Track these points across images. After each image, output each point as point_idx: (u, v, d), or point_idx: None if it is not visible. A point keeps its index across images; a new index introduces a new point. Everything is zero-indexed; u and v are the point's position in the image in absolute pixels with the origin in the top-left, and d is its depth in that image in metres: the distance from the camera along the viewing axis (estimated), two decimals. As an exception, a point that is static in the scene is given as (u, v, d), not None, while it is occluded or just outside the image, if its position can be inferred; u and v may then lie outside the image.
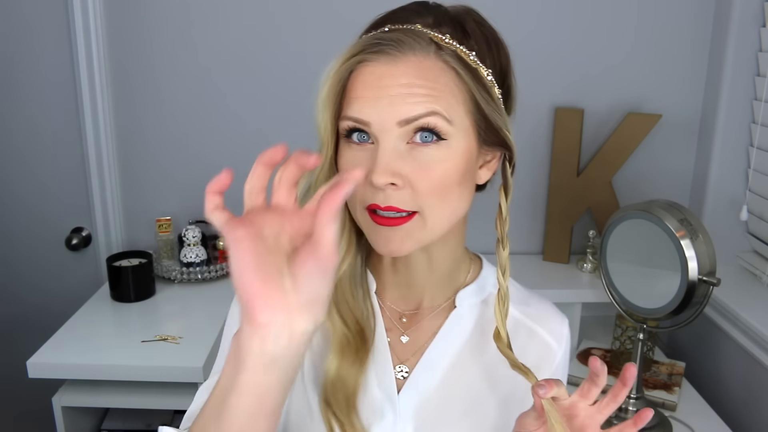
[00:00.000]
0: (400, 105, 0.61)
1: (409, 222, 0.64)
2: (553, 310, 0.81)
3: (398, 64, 0.62)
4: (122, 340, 1.44)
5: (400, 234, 0.64)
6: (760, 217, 1.56)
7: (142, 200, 1.79)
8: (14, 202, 1.80)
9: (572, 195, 1.70)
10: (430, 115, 0.61)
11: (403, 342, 0.76)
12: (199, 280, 1.68)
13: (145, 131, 1.74)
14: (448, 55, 0.63)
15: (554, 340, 0.79)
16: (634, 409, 1.30)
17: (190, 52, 1.68)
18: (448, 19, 0.66)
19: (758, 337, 1.37)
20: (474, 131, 0.65)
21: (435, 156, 0.63)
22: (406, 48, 0.62)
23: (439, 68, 0.62)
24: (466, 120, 0.64)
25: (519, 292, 0.81)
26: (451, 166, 0.64)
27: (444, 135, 0.63)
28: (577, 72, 1.69)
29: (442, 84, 0.62)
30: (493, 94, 0.66)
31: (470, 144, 0.65)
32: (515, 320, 0.78)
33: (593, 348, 1.59)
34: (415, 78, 0.61)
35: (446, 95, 0.62)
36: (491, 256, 0.82)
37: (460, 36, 0.64)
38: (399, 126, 0.62)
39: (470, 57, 0.64)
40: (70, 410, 1.41)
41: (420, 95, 0.61)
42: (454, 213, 0.67)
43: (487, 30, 0.68)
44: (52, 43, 1.69)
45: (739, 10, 1.54)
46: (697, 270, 1.18)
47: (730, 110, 1.60)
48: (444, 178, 0.63)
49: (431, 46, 0.63)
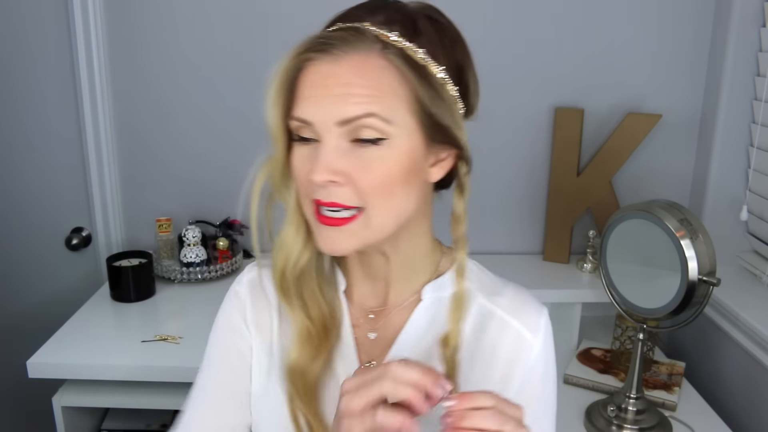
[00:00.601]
0: (339, 105, 0.62)
1: (353, 222, 0.65)
2: (528, 300, 0.78)
3: (341, 63, 0.62)
4: (122, 340, 1.44)
5: (343, 234, 0.65)
6: (760, 217, 1.56)
7: (142, 200, 1.79)
8: (14, 202, 1.80)
9: (572, 195, 1.70)
10: (367, 116, 0.62)
11: (371, 338, 0.77)
12: (199, 280, 1.68)
13: (145, 131, 1.74)
14: (394, 53, 0.63)
15: (529, 332, 0.76)
16: (634, 409, 1.30)
17: (191, 52, 1.68)
18: (400, 16, 0.65)
19: (758, 337, 1.38)
20: (420, 130, 0.65)
21: (376, 155, 0.63)
22: (348, 47, 0.62)
23: (381, 67, 0.62)
24: (410, 119, 0.64)
25: (492, 283, 0.79)
26: (393, 165, 0.64)
27: (384, 135, 0.63)
28: (577, 72, 1.69)
29: (383, 83, 0.62)
30: (443, 92, 0.65)
31: (415, 143, 0.65)
32: (487, 311, 0.76)
33: (593, 348, 1.59)
34: (355, 77, 0.62)
35: (387, 95, 0.62)
36: (491, 257, 0.82)
37: (410, 34, 0.64)
38: (338, 126, 0.63)
39: (418, 54, 0.63)
40: (70, 410, 1.41)
41: (359, 95, 0.62)
42: (400, 211, 0.67)
43: (441, 27, 0.67)
44: (52, 43, 1.69)
45: (739, 10, 1.54)
46: (697, 270, 1.18)
47: (730, 110, 1.60)
48: (386, 176, 0.64)
49: (376, 45, 0.63)
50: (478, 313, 0.76)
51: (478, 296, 0.77)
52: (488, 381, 0.74)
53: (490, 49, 1.66)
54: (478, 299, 0.77)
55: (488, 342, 0.75)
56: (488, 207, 1.79)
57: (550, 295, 1.64)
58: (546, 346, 0.77)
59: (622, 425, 1.30)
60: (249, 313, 0.80)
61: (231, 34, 1.66)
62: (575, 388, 1.46)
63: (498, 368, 0.75)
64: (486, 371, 0.74)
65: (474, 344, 0.75)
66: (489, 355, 0.75)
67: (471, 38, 0.73)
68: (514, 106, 1.71)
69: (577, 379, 1.47)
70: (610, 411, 1.31)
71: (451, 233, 0.71)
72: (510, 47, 1.67)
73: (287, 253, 0.71)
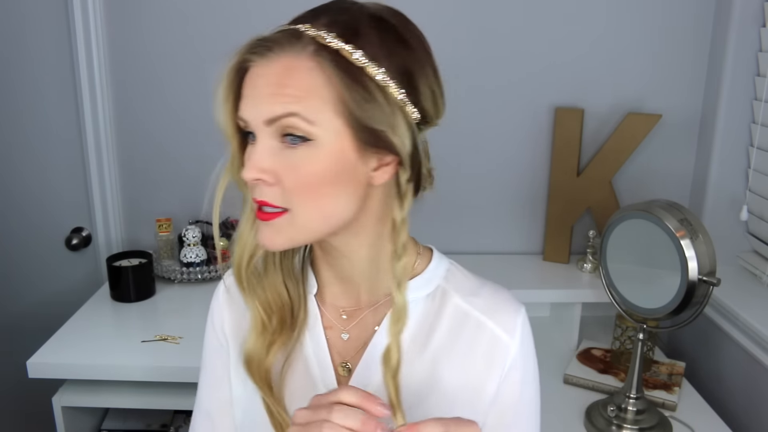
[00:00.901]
0: (266, 105, 0.63)
1: (278, 219, 0.66)
2: (505, 300, 0.77)
3: (271, 65, 0.63)
4: (122, 340, 1.44)
5: (271, 229, 0.67)
6: (760, 217, 1.56)
7: (142, 200, 1.79)
8: (14, 202, 1.80)
9: (572, 195, 1.70)
10: (288, 116, 0.62)
11: (344, 339, 0.77)
12: (199, 280, 1.68)
13: (145, 131, 1.74)
14: (326, 55, 0.63)
15: (505, 333, 0.74)
16: (634, 409, 1.30)
17: (191, 51, 1.68)
18: (345, 18, 0.65)
19: (758, 337, 1.38)
20: (349, 133, 0.64)
21: (302, 156, 0.64)
22: (280, 49, 0.63)
23: (308, 68, 0.62)
24: (337, 121, 0.63)
25: (468, 282, 0.78)
26: (319, 167, 0.64)
27: (309, 136, 0.63)
28: (577, 72, 1.69)
29: (309, 84, 0.62)
30: (378, 96, 0.63)
31: (344, 145, 0.64)
32: (463, 312, 0.75)
33: (593, 348, 1.59)
34: (282, 78, 0.63)
35: (312, 96, 0.62)
36: (491, 257, 0.82)
37: (349, 35, 0.63)
38: (266, 125, 0.64)
39: (354, 56, 0.63)
40: (70, 410, 1.41)
41: (283, 95, 0.62)
42: (329, 213, 0.66)
43: (389, 29, 0.65)
44: (52, 43, 1.69)
45: (739, 10, 1.54)
46: (697, 270, 1.18)
47: (730, 110, 1.60)
48: (311, 178, 0.64)
49: (310, 47, 0.63)
50: (454, 314, 0.75)
51: (454, 297, 0.76)
52: (464, 384, 0.74)
53: (490, 50, 1.66)
54: (454, 300, 0.76)
55: (464, 343, 0.75)
56: (488, 207, 1.79)
57: (550, 295, 1.64)
58: (524, 346, 0.76)
59: (622, 425, 1.30)
60: (226, 321, 0.82)
61: (231, 33, 1.66)
62: (575, 388, 1.46)
63: (474, 370, 0.74)
64: (462, 374, 0.74)
65: (449, 346, 0.75)
66: (465, 357, 0.74)
67: (471, 38, 0.72)
68: (514, 106, 1.71)
69: (577, 379, 1.47)
70: (610, 411, 1.31)
71: (391, 242, 0.68)
72: (510, 47, 1.67)
73: (243, 247, 0.73)
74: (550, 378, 1.49)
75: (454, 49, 1.61)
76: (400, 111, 0.65)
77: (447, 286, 0.77)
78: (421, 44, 0.68)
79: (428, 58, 0.68)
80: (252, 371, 0.74)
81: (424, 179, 0.71)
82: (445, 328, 0.75)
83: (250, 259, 0.73)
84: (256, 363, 0.74)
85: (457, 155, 1.73)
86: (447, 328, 0.75)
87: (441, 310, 0.76)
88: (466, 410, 0.72)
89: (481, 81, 1.68)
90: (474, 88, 1.68)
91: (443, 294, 0.76)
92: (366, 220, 0.70)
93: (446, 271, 0.78)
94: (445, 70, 0.71)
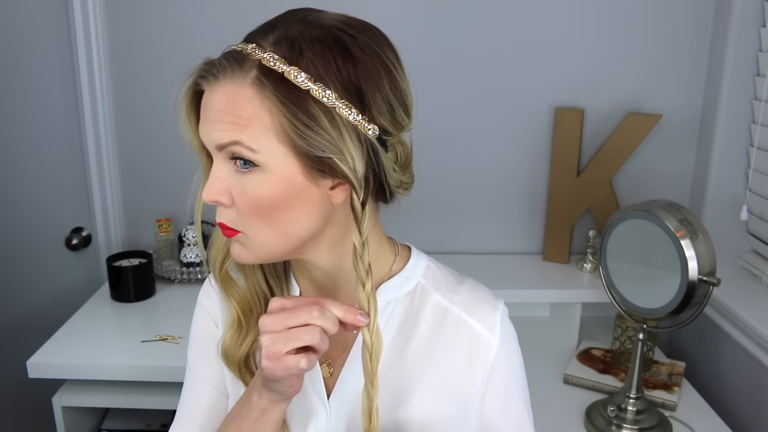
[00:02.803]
0: (213, 131, 0.64)
1: (237, 236, 0.68)
2: (484, 296, 0.77)
3: (216, 91, 0.64)
4: (122, 340, 1.44)
5: (236, 245, 0.69)
6: (760, 217, 1.56)
7: (142, 200, 1.79)
8: (14, 202, 1.80)
9: (572, 195, 1.70)
10: (233, 144, 0.63)
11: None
12: (199, 280, 1.68)
13: (145, 131, 1.74)
14: (268, 80, 0.61)
15: (485, 329, 0.74)
16: (633, 409, 1.30)
17: (190, 51, 1.68)
18: (293, 34, 0.63)
19: (758, 337, 1.38)
20: (296, 157, 0.63)
21: (252, 180, 0.64)
22: (224, 74, 0.63)
23: (249, 96, 0.62)
24: (281, 147, 0.62)
25: (447, 279, 0.78)
26: (268, 192, 0.64)
27: (255, 162, 0.63)
28: (577, 72, 1.69)
29: (250, 112, 0.62)
30: (321, 122, 0.61)
31: (292, 170, 0.63)
32: (442, 309, 0.75)
33: (593, 348, 1.59)
34: (225, 105, 0.63)
35: (254, 123, 0.62)
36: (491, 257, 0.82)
37: (296, 55, 0.61)
38: (217, 150, 0.65)
39: (298, 79, 0.61)
40: (70, 410, 1.42)
41: (226, 122, 0.62)
42: (290, 234, 0.66)
43: (339, 43, 0.63)
44: (52, 43, 1.69)
45: (739, 10, 1.54)
46: (697, 270, 1.18)
47: (730, 110, 1.60)
48: (262, 202, 0.64)
49: (252, 72, 0.62)
50: (434, 312, 0.76)
51: (434, 294, 0.76)
52: (447, 380, 0.74)
53: (491, 50, 1.66)
54: (434, 297, 0.76)
55: (445, 340, 0.75)
56: (488, 207, 1.79)
57: (550, 295, 1.64)
58: (505, 341, 0.75)
59: (622, 425, 1.30)
60: (219, 315, 0.84)
61: (231, 33, 1.66)
62: (575, 388, 1.46)
63: (456, 367, 0.74)
64: (444, 371, 0.74)
65: (430, 344, 0.75)
66: (446, 354, 0.75)
67: (471, 38, 0.72)
68: (514, 106, 1.71)
69: (577, 379, 1.47)
70: (610, 411, 1.31)
71: (354, 267, 0.67)
72: (510, 47, 1.67)
73: (216, 251, 0.76)
74: (550, 378, 1.49)
75: (453, 49, 1.61)
76: (352, 131, 0.62)
77: (426, 284, 0.77)
78: (376, 56, 0.64)
79: (386, 70, 0.64)
80: (229, 363, 0.78)
81: (393, 190, 0.69)
82: (426, 326, 0.75)
83: (223, 263, 0.76)
84: (231, 356, 0.78)
85: (458, 155, 1.72)
86: (428, 325, 0.75)
87: (421, 308, 0.76)
88: (450, 408, 0.73)
89: (481, 81, 1.68)
90: (474, 89, 1.68)
91: (423, 292, 0.77)
92: (335, 234, 0.70)
93: (425, 268, 0.78)
94: (445, 70, 0.71)
